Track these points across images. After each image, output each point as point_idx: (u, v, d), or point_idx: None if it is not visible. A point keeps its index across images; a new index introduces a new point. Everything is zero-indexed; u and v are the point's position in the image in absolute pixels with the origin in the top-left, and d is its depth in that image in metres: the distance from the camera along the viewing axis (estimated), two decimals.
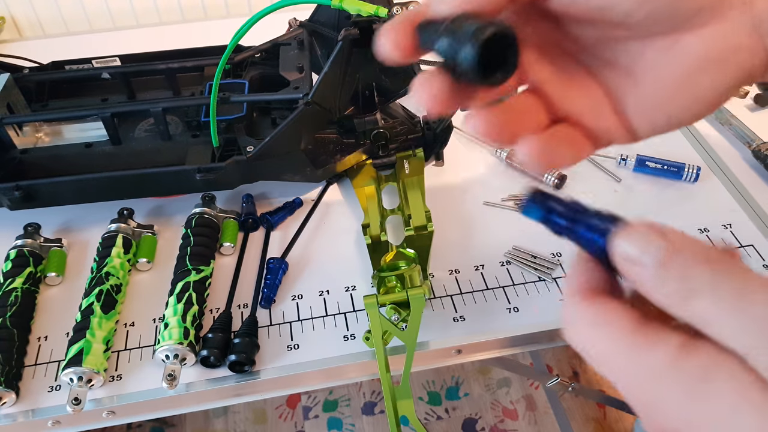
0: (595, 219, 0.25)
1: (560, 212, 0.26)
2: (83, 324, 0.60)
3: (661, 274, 0.23)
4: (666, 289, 0.23)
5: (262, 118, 0.78)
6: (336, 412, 1.49)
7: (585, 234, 0.26)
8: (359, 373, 0.64)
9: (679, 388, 0.22)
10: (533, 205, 0.26)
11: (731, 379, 0.21)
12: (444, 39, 0.25)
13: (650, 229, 0.24)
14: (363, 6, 0.64)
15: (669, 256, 0.23)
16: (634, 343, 0.23)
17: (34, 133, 0.78)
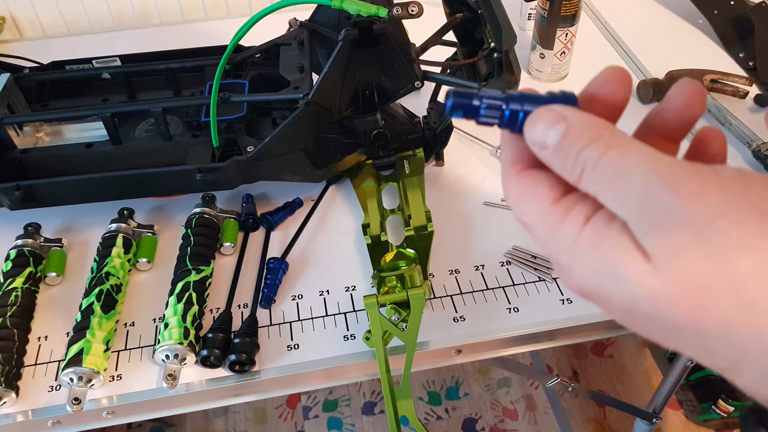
0: (513, 102, 0.28)
1: (479, 107, 0.28)
2: (83, 324, 0.60)
3: (558, 155, 0.27)
4: (564, 168, 0.27)
5: (262, 118, 0.78)
6: (336, 412, 1.49)
7: (505, 120, 0.28)
8: (359, 373, 0.64)
9: (583, 259, 0.26)
10: (455, 103, 0.28)
11: (619, 248, 0.25)
12: None
13: (551, 113, 0.27)
14: (363, 6, 0.64)
15: (563, 139, 0.26)
16: (551, 216, 0.27)
17: (34, 133, 0.77)
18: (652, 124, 0.30)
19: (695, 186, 0.23)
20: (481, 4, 0.70)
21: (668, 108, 0.29)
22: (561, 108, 0.27)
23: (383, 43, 0.66)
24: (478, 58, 0.70)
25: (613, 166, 0.25)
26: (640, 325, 0.26)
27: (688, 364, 0.95)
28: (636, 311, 0.25)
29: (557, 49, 0.92)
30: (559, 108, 0.27)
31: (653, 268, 0.24)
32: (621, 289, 0.25)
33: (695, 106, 0.29)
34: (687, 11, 1.07)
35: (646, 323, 0.26)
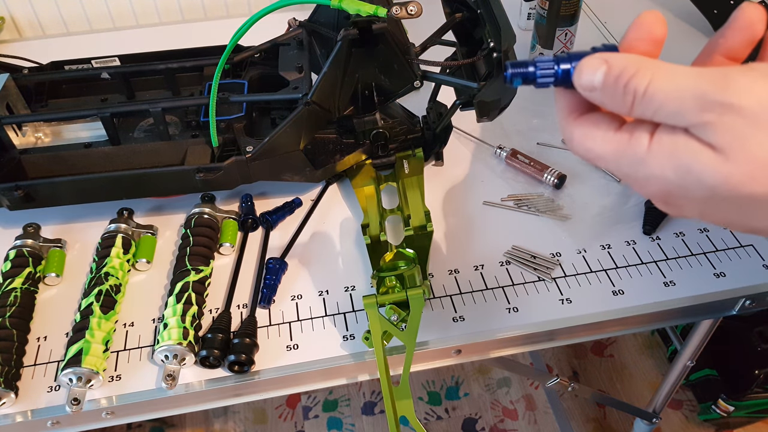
0: (563, 62, 0.32)
1: (535, 71, 0.33)
2: (82, 324, 0.60)
3: (606, 92, 0.30)
4: (614, 102, 0.30)
5: (261, 118, 0.78)
6: (336, 412, 1.49)
7: (559, 77, 0.33)
8: (359, 373, 0.64)
9: (659, 165, 0.30)
10: (514, 73, 0.33)
11: (688, 149, 0.29)
12: None
13: (593, 59, 0.31)
14: (362, 6, 0.64)
15: (607, 76, 0.30)
16: (618, 141, 0.31)
17: (33, 133, 0.77)
18: (716, 45, 0.33)
19: (742, 81, 0.27)
20: (481, 4, 0.70)
21: (732, 29, 0.32)
22: (601, 53, 0.31)
23: (382, 43, 0.66)
24: (477, 58, 0.69)
25: (663, 88, 0.28)
26: (718, 213, 0.30)
27: (689, 364, 0.95)
28: (714, 199, 0.29)
29: (557, 49, 0.92)
30: (599, 53, 0.31)
31: (724, 157, 0.28)
32: (699, 182, 0.29)
33: (757, 27, 0.32)
34: (687, 11, 1.06)
35: (725, 208, 0.30)
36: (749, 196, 0.28)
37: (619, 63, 0.30)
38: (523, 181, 0.78)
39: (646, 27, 0.32)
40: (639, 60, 0.30)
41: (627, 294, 0.66)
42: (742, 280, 0.67)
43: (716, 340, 0.98)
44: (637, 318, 0.66)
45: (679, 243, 0.71)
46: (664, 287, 0.67)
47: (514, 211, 0.75)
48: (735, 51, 0.33)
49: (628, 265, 0.69)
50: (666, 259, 0.69)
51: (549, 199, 0.76)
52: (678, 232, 0.72)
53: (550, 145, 0.83)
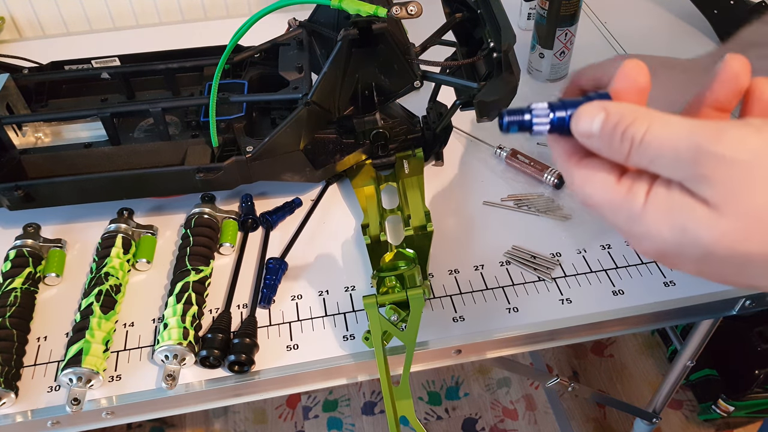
0: (558, 109, 0.33)
1: (531, 119, 0.33)
2: (82, 324, 0.60)
3: (604, 139, 0.31)
4: (611, 149, 0.31)
5: (261, 118, 0.78)
6: (336, 412, 1.49)
7: (555, 125, 0.33)
8: (359, 373, 0.64)
9: (655, 223, 0.30)
10: (510, 121, 0.33)
11: (683, 207, 0.29)
12: None
13: (592, 107, 0.31)
14: (362, 6, 0.64)
15: (605, 124, 0.31)
16: (616, 193, 0.31)
17: (33, 134, 0.77)
18: (703, 97, 0.33)
19: (736, 134, 0.27)
20: (481, 4, 0.70)
21: (718, 82, 0.32)
22: (599, 101, 0.31)
23: (382, 43, 0.66)
24: (477, 58, 0.69)
25: (659, 136, 0.29)
26: (715, 271, 0.30)
27: (689, 364, 0.95)
28: (711, 257, 0.29)
29: (557, 49, 0.92)
30: (597, 101, 0.31)
31: (719, 214, 0.28)
32: (695, 242, 0.29)
33: (741, 79, 0.32)
34: (687, 11, 1.06)
35: (721, 267, 0.29)
36: (744, 254, 0.28)
37: (617, 111, 0.30)
38: (523, 181, 0.78)
39: (631, 77, 0.32)
40: (636, 109, 0.30)
41: (627, 294, 0.66)
42: None
43: (716, 340, 0.98)
44: (637, 318, 0.66)
45: None
46: (664, 287, 0.67)
47: (514, 211, 0.75)
48: (722, 102, 0.33)
49: (628, 265, 0.69)
50: None
51: (549, 199, 0.76)
52: None
53: None
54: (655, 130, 0.29)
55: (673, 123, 0.29)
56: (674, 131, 0.28)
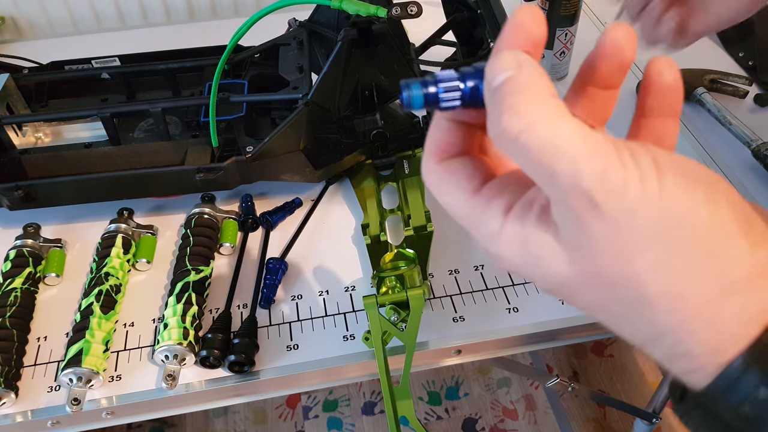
0: (469, 78, 0.27)
1: (437, 90, 0.27)
2: (82, 324, 0.60)
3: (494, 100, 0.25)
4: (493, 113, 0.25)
5: (261, 118, 0.78)
6: (336, 412, 1.49)
7: (467, 97, 0.27)
8: (359, 373, 0.64)
9: (509, 251, 0.27)
10: (412, 95, 0.27)
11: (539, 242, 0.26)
12: None
13: (511, 56, 0.25)
14: (362, 6, 0.64)
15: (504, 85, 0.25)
16: (473, 208, 0.28)
17: (33, 134, 0.77)
18: (586, 76, 0.29)
19: (618, 179, 0.23)
20: (481, 4, 0.70)
21: (600, 56, 0.28)
22: (519, 54, 0.25)
23: (382, 43, 0.66)
24: (477, 58, 0.69)
25: (542, 145, 0.24)
26: (564, 298, 0.28)
27: None
28: (558, 293, 0.27)
29: (557, 49, 0.92)
30: (518, 54, 0.26)
31: (569, 259, 0.25)
32: (543, 277, 0.27)
33: (626, 52, 0.28)
34: None
35: (569, 300, 0.28)
36: (587, 302, 0.27)
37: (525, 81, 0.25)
38: None
39: (525, 29, 0.26)
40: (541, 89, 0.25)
41: None
42: None
43: None
44: None
45: None
46: None
47: None
48: (607, 80, 0.29)
49: None
50: None
51: None
52: None
53: None
54: (539, 130, 0.24)
55: (563, 131, 0.23)
56: (561, 144, 0.23)
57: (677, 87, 0.29)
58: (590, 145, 0.23)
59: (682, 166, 0.24)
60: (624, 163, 0.23)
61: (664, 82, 0.29)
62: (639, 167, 0.23)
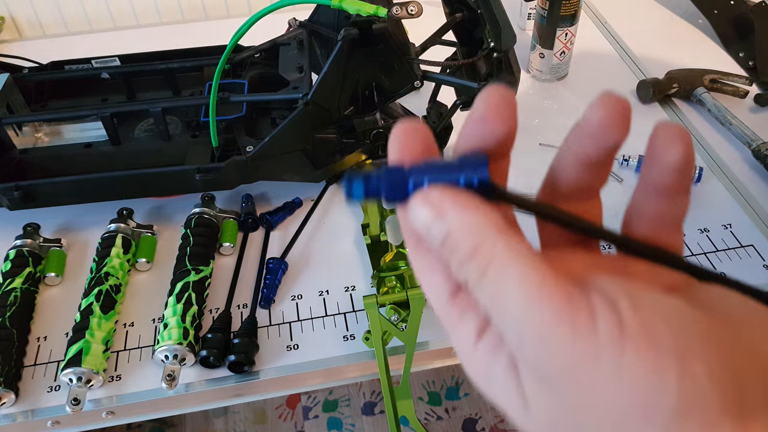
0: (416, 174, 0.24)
1: (379, 184, 0.25)
2: (82, 324, 0.60)
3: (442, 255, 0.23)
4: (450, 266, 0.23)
5: (261, 118, 0.78)
6: (336, 413, 1.49)
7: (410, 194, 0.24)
8: (359, 373, 0.64)
9: (475, 375, 0.24)
10: (352, 186, 0.25)
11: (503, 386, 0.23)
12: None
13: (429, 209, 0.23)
14: (363, 6, 0.64)
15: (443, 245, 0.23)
16: (448, 314, 0.24)
17: (33, 133, 0.77)
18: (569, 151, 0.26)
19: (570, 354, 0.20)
20: (481, 4, 0.70)
21: (585, 127, 0.25)
22: (442, 197, 0.23)
23: (383, 43, 0.66)
24: (477, 58, 0.69)
25: (493, 293, 0.21)
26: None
27: None
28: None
29: (557, 49, 0.92)
30: (439, 197, 0.23)
31: (526, 414, 0.22)
32: (504, 414, 0.24)
33: (615, 130, 0.24)
34: (687, 11, 1.06)
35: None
36: None
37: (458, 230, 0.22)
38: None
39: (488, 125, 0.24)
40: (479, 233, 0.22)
41: None
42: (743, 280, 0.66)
43: None
44: None
45: None
46: None
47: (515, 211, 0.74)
48: (591, 157, 0.25)
49: None
50: None
51: None
52: None
53: (553, 145, 0.83)
54: (492, 280, 0.21)
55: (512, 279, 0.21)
56: (511, 296, 0.21)
57: (686, 165, 0.23)
58: (546, 304, 0.20)
59: (657, 324, 0.20)
60: (575, 330, 0.20)
61: (670, 161, 0.23)
62: (597, 335, 0.19)
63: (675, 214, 0.25)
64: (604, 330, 0.19)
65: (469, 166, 0.24)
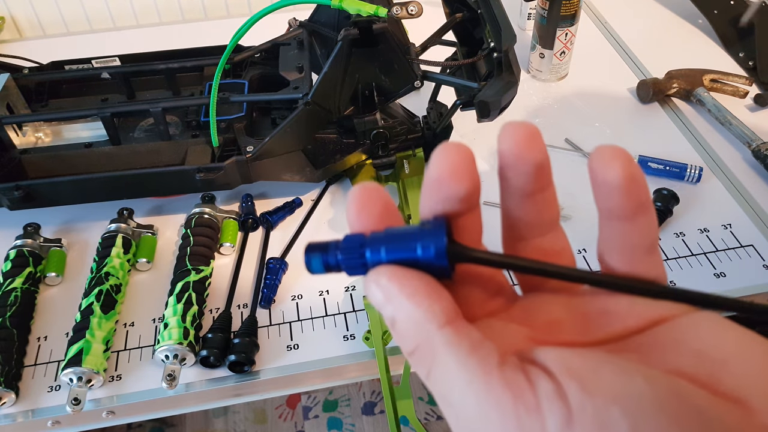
0: (372, 246, 0.24)
1: (337, 256, 0.25)
2: (83, 324, 0.60)
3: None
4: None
5: (261, 118, 0.78)
6: (336, 412, 1.49)
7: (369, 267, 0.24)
8: (359, 373, 0.64)
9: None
10: (310, 258, 0.25)
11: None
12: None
13: (378, 292, 0.23)
14: (363, 6, 0.64)
15: (395, 336, 0.23)
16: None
17: (33, 133, 0.77)
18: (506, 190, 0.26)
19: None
20: (481, 4, 0.70)
21: (501, 159, 0.24)
22: (389, 283, 0.22)
23: (383, 43, 0.66)
24: (477, 58, 0.69)
25: (440, 392, 0.21)
26: None
27: None
28: None
29: (557, 49, 0.92)
30: (387, 282, 0.22)
31: None
32: None
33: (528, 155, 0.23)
34: (687, 11, 1.06)
35: None
36: None
37: (404, 324, 0.22)
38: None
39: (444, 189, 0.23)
40: (421, 328, 0.22)
41: None
42: (742, 280, 0.67)
43: None
44: None
45: (680, 243, 0.71)
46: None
47: None
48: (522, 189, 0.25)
49: None
50: (666, 259, 0.69)
51: None
52: (678, 232, 0.72)
53: (552, 145, 0.83)
54: (436, 377, 0.22)
55: (452, 376, 0.21)
56: (453, 392, 0.21)
57: (632, 182, 0.22)
58: (494, 404, 0.20)
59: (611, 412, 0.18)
60: (527, 429, 0.19)
61: (611, 182, 0.22)
62: (544, 420, 0.19)
63: (642, 238, 0.23)
64: (552, 423, 0.19)
65: (428, 235, 0.23)
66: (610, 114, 0.88)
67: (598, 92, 0.93)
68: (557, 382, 0.19)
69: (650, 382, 0.19)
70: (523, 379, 0.20)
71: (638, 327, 0.23)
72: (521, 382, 0.20)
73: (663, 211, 0.72)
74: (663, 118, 0.87)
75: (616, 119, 0.87)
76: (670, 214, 0.72)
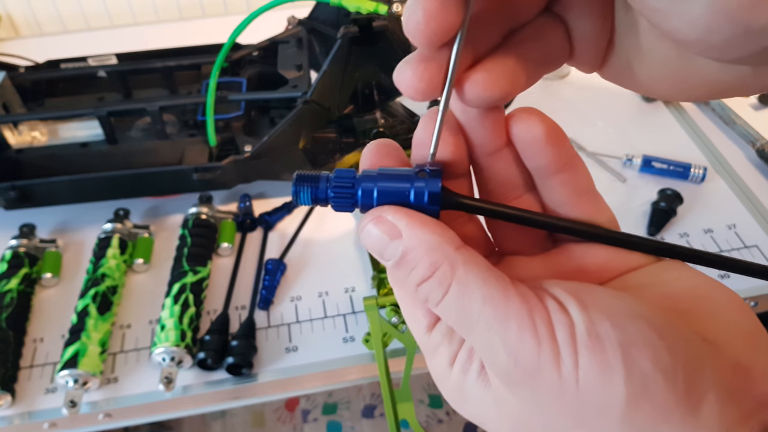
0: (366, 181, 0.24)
1: (326, 191, 0.25)
2: (79, 326, 0.60)
3: (398, 276, 0.24)
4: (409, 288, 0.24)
5: (260, 117, 0.77)
6: (335, 416, 1.48)
7: (359, 203, 0.24)
8: (359, 375, 0.63)
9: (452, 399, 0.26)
10: (299, 189, 0.25)
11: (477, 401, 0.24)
12: None
13: (385, 227, 0.23)
14: (363, 3, 0.63)
15: (398, 266, 0.23)
16: (426, 345, 0.26)
17: (29, 133, 0.77)
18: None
19: (530, 362, 0.21)
20: None
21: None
22: (396, 216, 0.23)
23: (383, 41, 0.66)
24: None
25: (458, 312, 0.22)
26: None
27: None
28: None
29: None
30: (393, 216, 0.23)
31: (498, 417, 0.24)
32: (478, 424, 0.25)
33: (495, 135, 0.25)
34: None
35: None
36: None
37: (415, 249, 0.23)
38: None
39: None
40: (438, 251, 0.22)
41: None
42: (746, 281, 0.66)
43: None
44: None
45: (684, 243, 0.70)
46: None
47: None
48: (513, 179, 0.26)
49: None
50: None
51: None
52: (682, 232, 0.71)
53: None
54: (453, 298, 0.22)
55: (474, 295, 0.22)
56: (474, 312, 0.22)
57: (555, 135, 0.25)
58: (512, 318, 0.21)
59: (603, 322, 0.21)
60: (539, 338, 0.21)
61: (536, 137, 0.25)
62: (555, 342, 0.21)
63: (583, 180, 0.26)
64: (562, 335, 0.21)
65: (422, 179, 0.24)
66: (613, 113, 0.88)
67: (600, 91, 0.92)
68: (559, 301, 0.22)
69: (637, 301, 0.22)
70: (533, 295, 0.22)
71: (611, 280, 0.26)
72: (534, 299, 0.22)
73: (667, 211, 0.71)
74: (667, 117, 0.87)
75: (619, 118, 0.87)
76: (674, 214, 0.72)
